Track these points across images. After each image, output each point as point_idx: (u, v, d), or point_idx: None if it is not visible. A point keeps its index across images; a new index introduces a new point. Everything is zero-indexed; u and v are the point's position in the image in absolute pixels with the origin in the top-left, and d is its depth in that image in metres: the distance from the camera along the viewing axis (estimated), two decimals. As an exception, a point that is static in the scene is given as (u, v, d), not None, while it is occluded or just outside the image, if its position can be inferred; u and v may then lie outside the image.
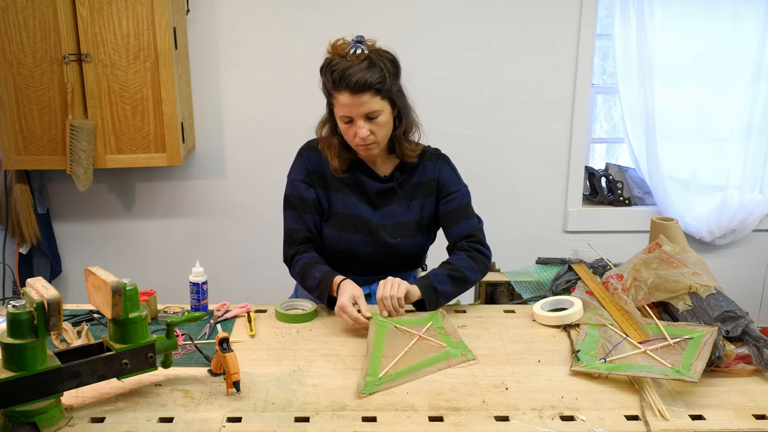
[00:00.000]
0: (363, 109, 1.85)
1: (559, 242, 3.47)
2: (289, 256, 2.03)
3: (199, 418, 1.44)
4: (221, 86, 3.22)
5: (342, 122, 1.90)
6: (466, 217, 2.04)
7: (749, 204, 3.45)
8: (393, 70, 1.88)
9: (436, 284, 1.91)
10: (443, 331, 1.80)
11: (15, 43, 2.82)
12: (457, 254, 2.01)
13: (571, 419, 1.46)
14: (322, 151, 2.01)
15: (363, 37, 1.87)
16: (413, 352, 1.70)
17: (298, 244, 2.01)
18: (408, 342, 1.73)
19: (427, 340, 1.75)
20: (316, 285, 1.91)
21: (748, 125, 3.35)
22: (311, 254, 2.00)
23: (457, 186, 2.05)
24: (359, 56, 1.83)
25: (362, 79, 1.81)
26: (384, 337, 1.75)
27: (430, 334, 1.79)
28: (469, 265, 1.98)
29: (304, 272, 1.95)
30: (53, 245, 3.33)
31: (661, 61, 3.23)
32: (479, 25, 3.20)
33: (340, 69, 1.82)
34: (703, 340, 1.65)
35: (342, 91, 1.83)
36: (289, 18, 3.15)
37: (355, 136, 1.89)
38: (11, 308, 1.35)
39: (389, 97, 1.89)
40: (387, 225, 2.02)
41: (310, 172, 2.03)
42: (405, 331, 1.78)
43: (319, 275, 1.91)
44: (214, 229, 3.40)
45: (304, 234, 2.01)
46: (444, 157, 2.08)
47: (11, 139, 2.93)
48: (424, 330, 1.79)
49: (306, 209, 2.01)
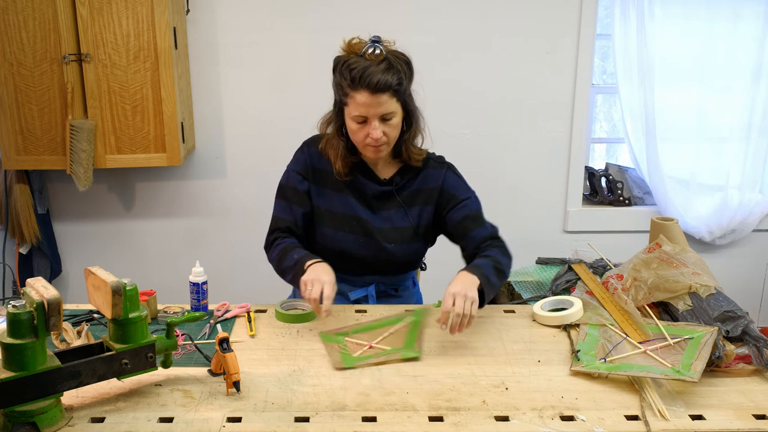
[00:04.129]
0: (380, 110, 1.83)
1: (559, 242, 3.47)
2: (269, 241, 2.01)
3: (199, 418, 1.44)
4: (221, 86, 3.22)
5: (354, 122, 1.87)
6: (482, 222, 2.00)
7: (749, 204, 3.45)
8: (408, 73, 1.88)
9: (489, 278, 1.82)
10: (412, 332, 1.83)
11: (15, 43, 2.82)
12: (491, 250, 1.93)
13: (571, 419, 1.46)
14: (324, 151, 1.99)
15: (380, 38, 1.85)
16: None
17: (280, 231, 2.00)
18: (361, 346, 1.77)
19: (378, 347, 1.77)
20: (292, 265, 1.86)
21: (748, 125, 3.35)
22: (292, 240, 1.98)
23: (466, 193, 2.02)
24: (378, 56, 1.82)
25: (383, 80, 1.79)
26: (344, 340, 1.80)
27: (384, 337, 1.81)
28: (505, 260, 1.92)
29: (282, 254, 1.91)
30: (53, 245, 3.33)
31: (661, 61, 3.23)
32: (479, 25, 3.20)
33: (359, 68, 1.80)
34: (703, 340, 1.65)
35: (361, 90, 1.81)
36: (289, 18, 3.15)
37: (367, 136, 1.87)
38: (11, 308, 1.35)
39: (403, 99, 1.88)
40: (384, 229, 2.00)
41: (309, 167, 2.02)
42: (354, 344, 1.79)
43: (297, 256, 1.87)
44: (214, 229, 3.40)
45: (288, 224, 2.00)
46: (449, 165, 2.05)
47: (11, 139, 2.92)
48: (377, 340, 1.79)
49: (296, 201, 2.00)
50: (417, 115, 1.95)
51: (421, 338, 1.79)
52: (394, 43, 1.89)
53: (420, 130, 1.98)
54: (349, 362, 1.65)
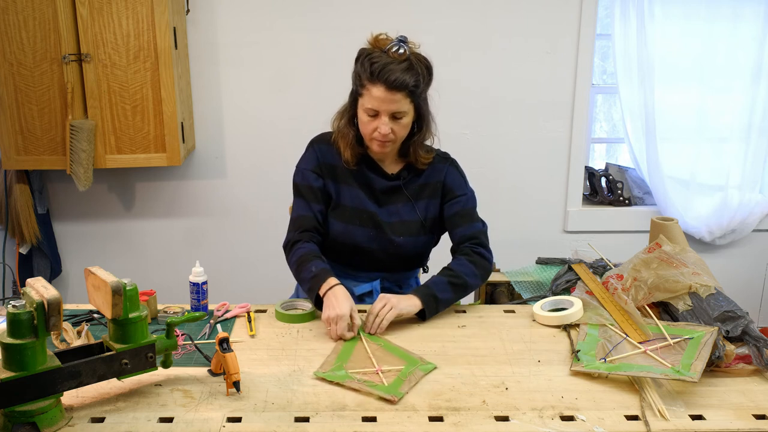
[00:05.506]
0: (392, 107, 1.87)
1: (559, 242, 3.47)
2: (291, 241, 2.01)
3: (199, 418, 1.44)
4: (221, 86, 3.22)
5: (366, 114, 1.91)
6: (471, 220, 2.05)
7: (749, 204, 3.45)
8: (427, 78, 1.92)
9: (437, 293, 1.91)
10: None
11: (15, 43, 2.82)
12: (459, 259, 2.00)
13: (571, 419, 1.46)
14: (335, 142, 2.03)
15: (407, 38, 1.89)
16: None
17: (302, 231, 2.01)
18: (369, 366, 1.67)
19: (387, 372, 1.64)
20: (309, 278, 1.90)
21: (748, 125, 3.35)
22: (312, 246, 1.99)
23: (462, 190, 2.07)
24: (401, 55, 1.85)
25: (401, 78, 1.83)
26: (352, 349, 1.74)
27: (391, 365, 1.68)
28: (469, 270, 1.97)
29: (301, 262, 1.93)
30: (53, 245, 3.33)
31: (661, 61, 3.23)
32: (479, 25, 3.20)
33: (381, 63, 1.84)
34: (703, 340, 1.65)
35: (377, 84, 1.85)
36: (289, 18, 3.15)
37: (375, 130, 1.91)
38: (11, 308, 1.35)
39: (417, 102, 1.91)
40: (392, 222, 2.03)
41: (320, 164, 2.04)
42: (370, 357, 1.70)
43: (315, 269, 1.90)
44: (214, 229, 3.40)
45: (312, 222, 2.01)
46: (452, 161, 2.10)
47: (11, 139, 2.92)
48: (387, 368, 1.65)
49: (314, 198, 2.03)
50: (429, 120, 1.99)
51: (410, 385, 1.59)
52: (419, 46, 1.92)
53: (430, 134, 2.02)
54: (331, 377, 1.58)
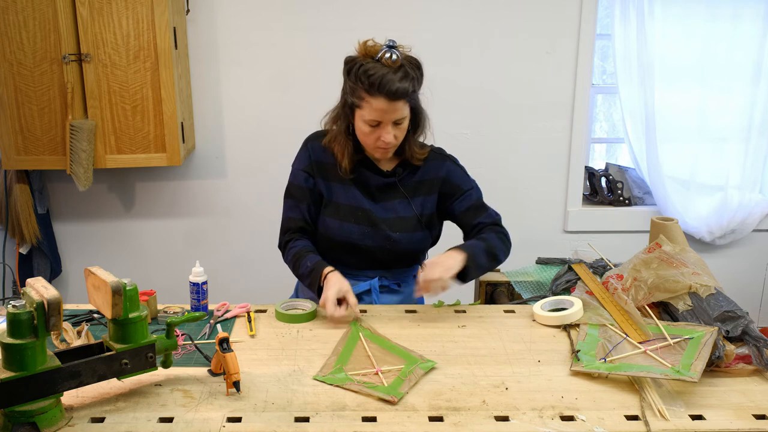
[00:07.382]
0: (396, 116, 1.88)
1: (559, 242, 3.47)
2: (283, 242, 2.08)
3: (199, 418, 1.44)
4: (221, 86, 3.22)
5: (367, 125, 1.90)
6: (485, 209, 2.09)
7: (749, 204, 3.45)
8: (420, 79, 1.92)
9: (476, 257, 1.93)
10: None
11: (15, 43, 2.82)
12: (488, 233, 2.03)
13: (571, 419, 1.46)
14: (329, 146, 2.02)
15: (395, 42, 1.88)
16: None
17: (292, 231, 2.06)
18: (368, 366, 1.66)
19: (386, 372, 1.63)
20: (307, 273, 1.95)
21: (748, 125, 3.35)
22: (304, 242, 2.04)
23: (468, 184, 2.09)
24: (395, 62, 1.85)
25: (401, 88, 1.83)
26: (352, 350, 1.73)
27: (391, 364, 1.67)
28: (500, 245, 2.02)
29: (296, 259, 1.99)
30: (53, 245, 3.33)
31: (661, 61, 3.23)
32: (479, 25, 3.20)
33: (378, 74, 1.82)
34: (703, 340, 1.65)
35: (378, 97, 1.84)
36: (289, 18, 3.15)
37: (378, 139, 1.91)
38: (11, 308, 1.35)
39: (414, 103, 1.93)
40: (388, 219, 2.03)
41: (313, 162, 2.05)
42: (369, 357, 1.69)
43: (310, 264, 1.95)
44: (214, 229, 3.40)
45: (299, 223, 2.05)
46: (450, 157, 2.11)
47: (11, 139, 2.92)
48: (387, 368, 1.65)
49: (303, 199, 2.04)
50: (423, 117, 2.00)
51: (410, 385, 1.58)
52: (410, 50, 1.91)
53: (425, 130, 2.03)
54: (331, 380, 1.57)
